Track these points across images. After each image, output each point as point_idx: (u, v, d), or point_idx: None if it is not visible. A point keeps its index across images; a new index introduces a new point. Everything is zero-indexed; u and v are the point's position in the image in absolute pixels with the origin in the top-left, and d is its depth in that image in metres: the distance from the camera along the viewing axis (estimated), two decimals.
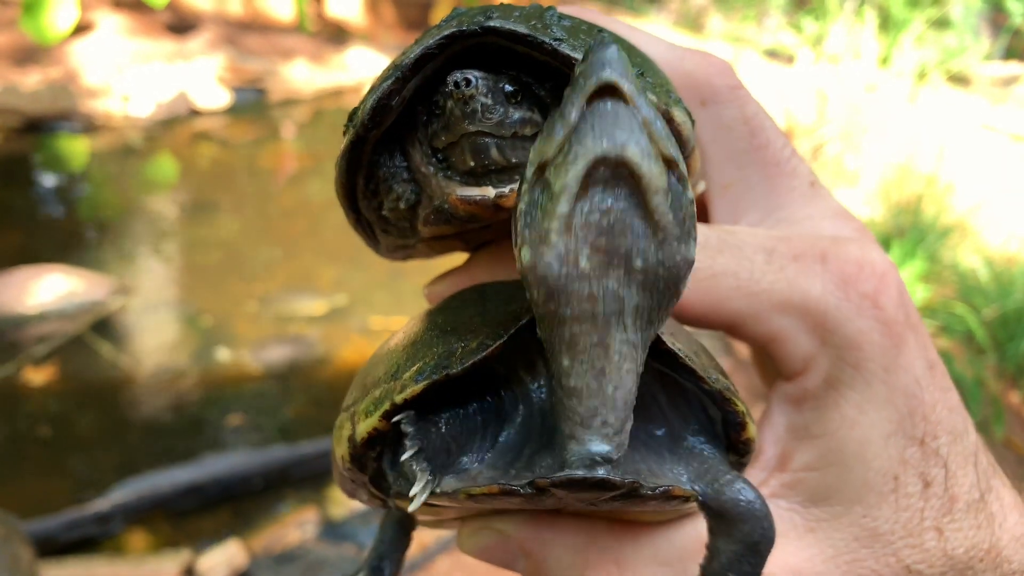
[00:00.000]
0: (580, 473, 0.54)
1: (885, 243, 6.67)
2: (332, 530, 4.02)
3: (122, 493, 4.05)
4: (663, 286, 0.50)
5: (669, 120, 0.62)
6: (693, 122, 0.68)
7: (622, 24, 0.77)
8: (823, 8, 10.54)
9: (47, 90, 8.96)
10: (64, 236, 6.94)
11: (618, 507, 0.61)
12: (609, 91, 0.46)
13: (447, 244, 0.74)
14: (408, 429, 0.56)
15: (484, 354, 0.57)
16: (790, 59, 10.29)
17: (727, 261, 0.68)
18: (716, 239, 0.70)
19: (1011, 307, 5.93)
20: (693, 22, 13.63)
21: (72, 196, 7.95)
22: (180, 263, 6.65)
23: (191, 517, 4.11)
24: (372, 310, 6.05)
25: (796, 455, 0.71)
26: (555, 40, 0.59)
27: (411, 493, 0.55)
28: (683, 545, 0.67)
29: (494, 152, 0.61)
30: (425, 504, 0.57)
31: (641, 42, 0.75)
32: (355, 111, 0.66)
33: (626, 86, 0.46)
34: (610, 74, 0.45)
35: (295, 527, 3.97)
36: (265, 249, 6.81)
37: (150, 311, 5.80)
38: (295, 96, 10.97)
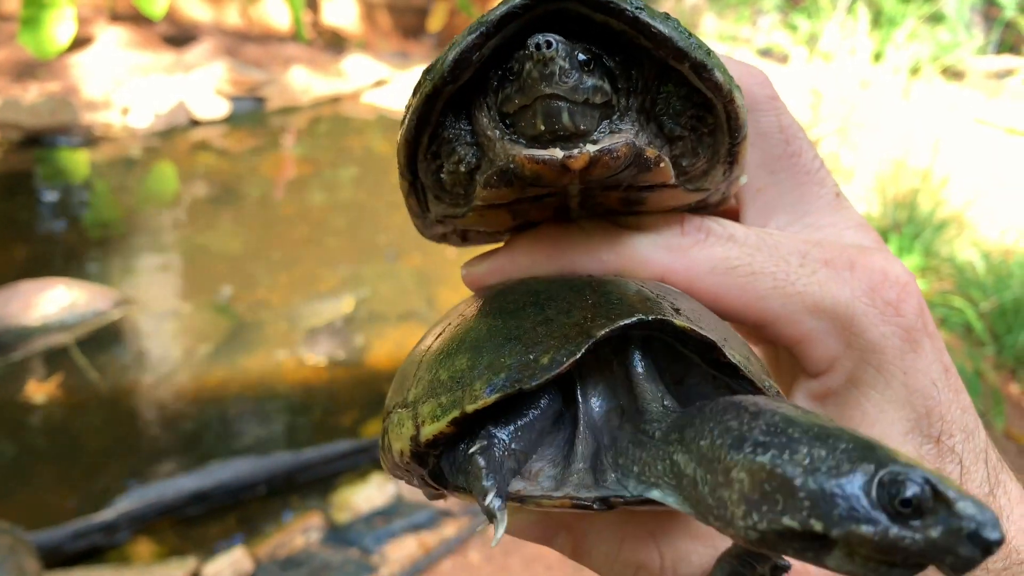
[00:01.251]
0: (656, 494, 0.56)
1: (883, 238, 6.69)
2: (337, 535, 4.02)
3: (127, 502, 4.08)
4: None
5: (731, 102, 0.65)
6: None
7: None
8: (816, 7, 10.56)
9: (47, 104, 9.00)
10: (66, 248, 6.97)
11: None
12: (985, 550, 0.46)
13: (497, 216, 0.73)
14: (481, 461, 0.58)
15: (558, 372, 0.59)
16: (784, 58, 10.31)
17: (765, 260, 0.72)
18: (755, 238, 0.73)
19: (1008, 299, 5.95)
20: (687, 22, 13.64)
21: (73, 208, 7.99)
22: (182, 273, 6.68)
23: (197, 524, 4.13)
24: (376, 317, 6.07)
25: None
26: (636, 8, 0.62)
27: (494, 540, 0.56)
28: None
29: (565, 116, 0.62)
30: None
31: None
32: (433, 65, 0.67)
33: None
34: (994, 535, 0.46)
35: (300, 533, 3.99)
36: (267, 256, 6.84)
37: (152, 321, 5.83)
38: (293, 104, 11.02)
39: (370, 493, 4.25)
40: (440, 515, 4.14)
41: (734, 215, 0.83)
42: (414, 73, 12.42)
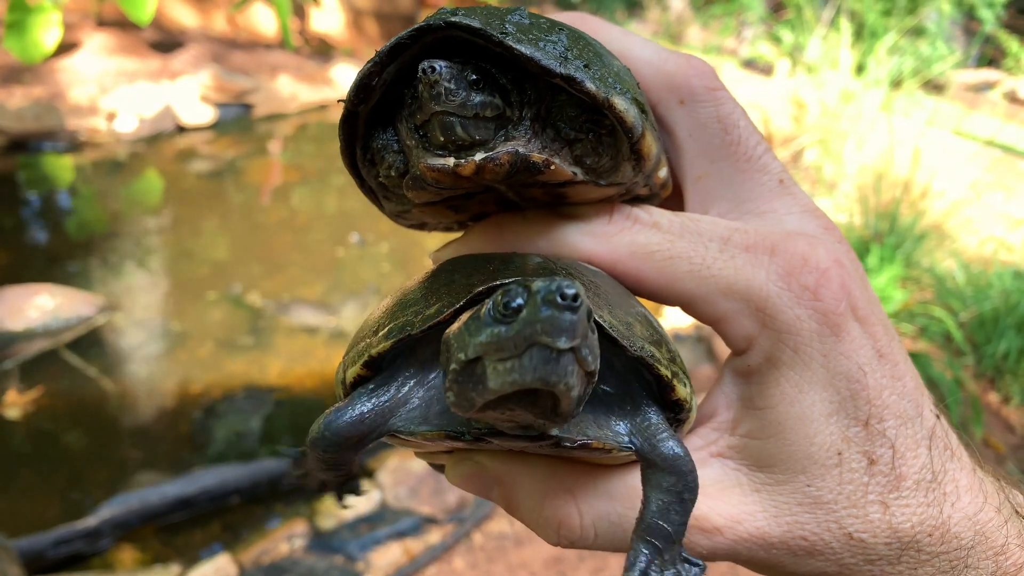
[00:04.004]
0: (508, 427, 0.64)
1: (864, 248, 6.75)
2: (321, 542, 4.02)
3: (110, 508, 4.06)
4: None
5: (611, 107, 0.71)
6: (646, 114, 0.76)
7: (617, 30, 0.84)
8: (800, 19, 10.66)
9: (32, 109, 8.96)
10: (50, 254, 6.94)
11: (561, 453, 0.71)
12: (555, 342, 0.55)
13: (438, 211, 0.83)
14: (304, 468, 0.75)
15: (438, 319, 0.68)
16: (768, 69, 10.41)
17: (684, 246, 0.77)
18: (679, 225, 0.78)
19: (987, 309, 6.01)
20: (672, 33, 13.74)
21: (58, 214, 7.96)
22: (166, 279, 6.66)
23: (180, 531, 4.12)
24: (358, 324, 6.07)
25: (743, 422, 0.78)
26: (502, 33, 0.69)
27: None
28: (633, 485, 0.74)
29: (459, 129, 0.70)
30: (402, 441, 0.72)
31: (632, 44, 0.83)
32: (349, 91, 0.76)
33: (581, 352, 0.56)
34: (557, 341, 0.54)
35: (284, 540, 3.98)
36: (252, 263, 6.83)
37: (136, 327, 5.82)
38: (280, 111, 11.01)
39: (355, 500, 4.24)
40: (425, 522, 4.15)
41: (677, 204, 0.87)
42: None
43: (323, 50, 13.73)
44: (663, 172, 0.82)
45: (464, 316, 0.62)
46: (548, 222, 0.80)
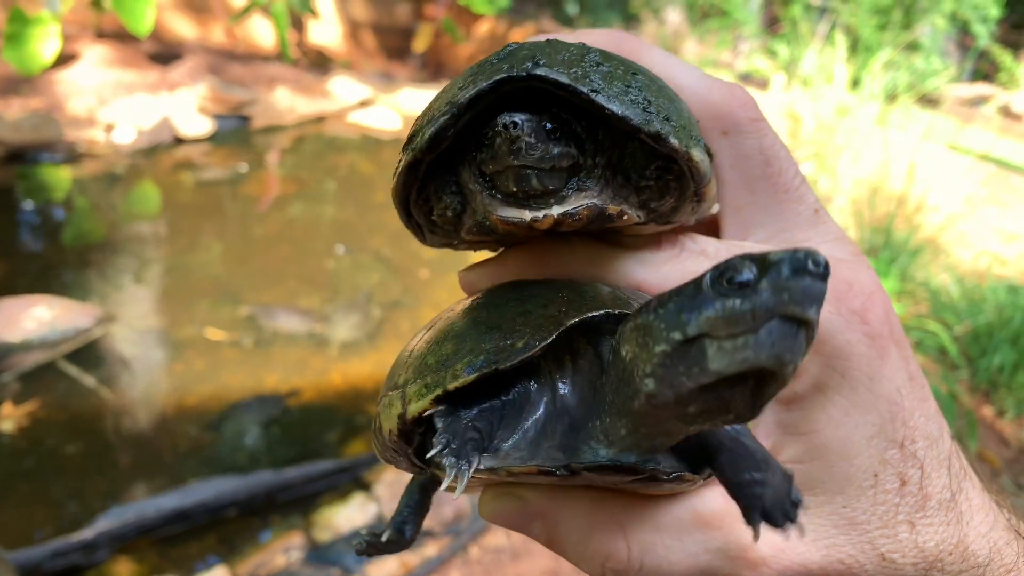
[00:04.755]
0: (621, 460, 0.62)
1: None
2: (318, 555, 4.02)
3: (107, 521, 4.05)
4: None
5: (689, 160, 0.71)
6: (711, 157, 0.76)
7: (658, 53, 0.84)
8: (795, 34, 10.72)
9: (29, 120, 8.97)
10: (47, 265, 6.94)
11: (637, 486, 0.69)
12: (799, 321, 0.52)
13: (487, 245, 0.83)
14: (439, 423, 0.65)
15: (529, 354, 0.66)
16: (764, 83, 10.44)
17: None
18: (726, 252, 0.78)
19: (982, 323, 6.03)
20: (669, 46, 13.81)
21: (55, 225, 7.95)
22: (164, 290, 6.66)
23: (177, 544, 4.10)
24: (357, 338, 6.08)
25: (785, 448, 0.77)
26: (592, 91, 0.68)
27: (442, 488, 0.63)
28: (679, 516, 0.74)
29: (534, 181, 0.69)
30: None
31: (675, 71, 0.82)
32: (413, 135, 0.74)
33: (814, 319, 0.52)
34: (807, 311, 0.51)
35: (281, 552, 3.97)
36: (249, 274, 6.84)
37: (134, 338, 5.81)
38: (278, 123, 11.03)
39: (351, 513, 4.25)
40: (422, 535, 4.15)
41: (714, 229, 0.87)
42: (399, 95, 12.49)
43: (321, 62, 13.78)
44: (715, 208, 0.83)
45: (662, 296, 0.58)
46: (595, 250, 0.80)
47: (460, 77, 0.74)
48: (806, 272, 0.50)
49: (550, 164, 0.69)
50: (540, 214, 0.70)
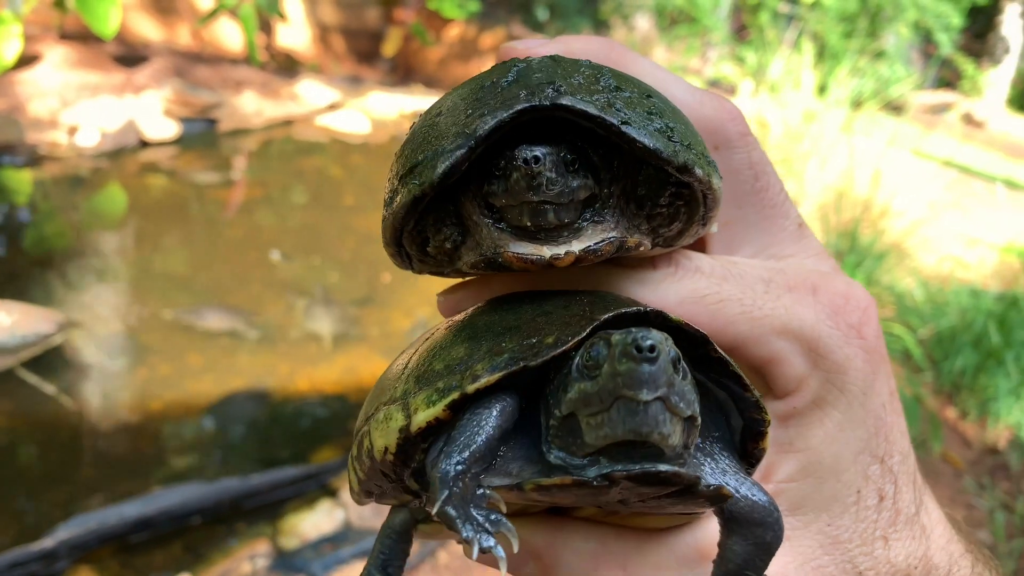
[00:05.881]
0: (662, 468, 0.57)
1: None
2: (284, 562, 3.98)
3: (68, 529, 3.96)
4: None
5: (709, 187, 0.68)
6: (720, 178, 0.73)
7: (648, 63, 0.82)
8: (763, 40, 10.84)
9: None
10: (7, 270, 6.80)
11: (649, 508, 0.65)
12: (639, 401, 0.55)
13: (479, 275, 0.78)
14: (453, 515, 0.59)
15: (561, 350, 0.61)
16: (732, 89, 10.54)
17: (732, 289, 0.75)
18: (721, 268, 0.76)
19: (945, 327, 6.13)
20: (638, 52, 13.88)
21: (16, 229, 7.81)
22: (127, 295, 6.56)
23: (140, 552, 4.04)
24: (322, 343, 6.04)
25: (780, 467, 0.76)
26: (623, 123, 0.64)
27: (473, 557, 0.58)
28: (680, 552, 0.72)
29: (551, 216, 0.65)
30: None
31: (666, 83, 0.79)
32: (416, 166, 0.68)
33: (670, 400, 0.55)
34: (639, 394, 0.55)
35: (246, 560, 3.93)
36: (214, 279, 6.76)
37: (96, 344, 5.72)
38: (245, 127, 10.93)
39: (318, 519, 4.21)
40: None
41: (701, 244, 0.86)
42: (368, 98, 12.44)
43: (289, 66, 13.69)
44: (714, 228, 0.81)
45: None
46: (590, 270, 0.76)
47: (460, 99, 0.69)
48: (632, 357, 0.54)
49: (569, 198, 0.65)
50: (561, 251, 0.66)
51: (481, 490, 0.60)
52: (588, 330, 0.61)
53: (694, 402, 0.58)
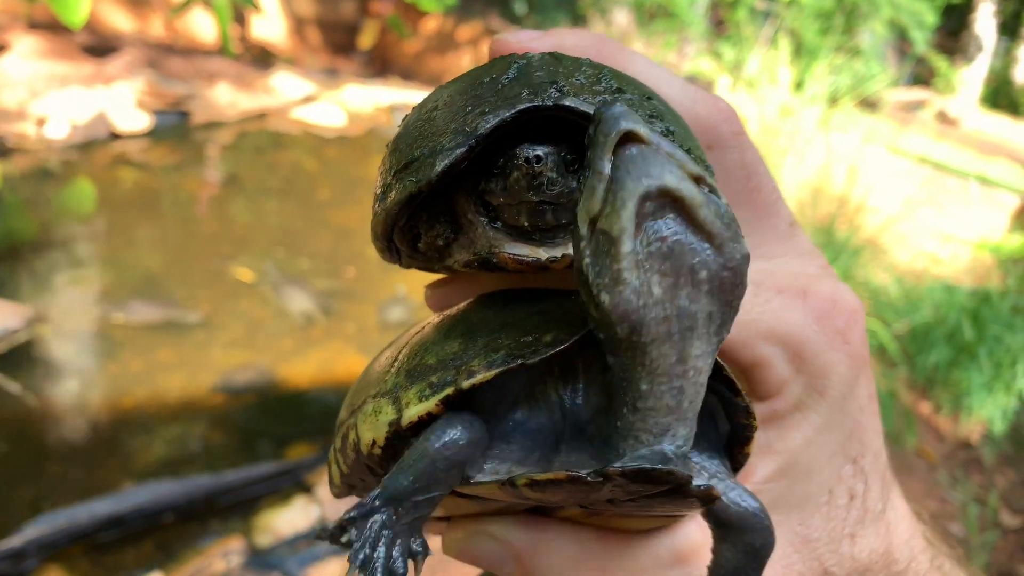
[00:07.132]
0: (660, 466, 0.55)
1: None
2: (258, 559, 3.95)
3: (37, 527, 3.90)
4: (729, 286, 0.53)
5: (712, 192, 0.66)
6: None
7: (641, 60, 0.81)
8: (740, 36, 10.90)
9: None
10: None
11: (636, 508, 0.63)
12: (630, 138, 0.51)
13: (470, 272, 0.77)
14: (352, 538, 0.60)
15: (560, 348, 0.60)
16: (709, 85, 10.58)
17: None
18: None
19: (920, 322, 6.19)
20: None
21: None
22: (97, 290, 6.47)
23: (111, 551, 3.99)
24: (298, 339, 6.00)
25: (758, 469, 0.76)
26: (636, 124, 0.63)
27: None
28: (658, 554, 0.71)
29: (549, 216, 0.64)
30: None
31: (661, 80, 0.79)
32: (413, 161, 0.67)
33: (642, 130, 0.51)
34: (626, 124, 0.50)
35: (220, 557, 3.90)
36: (186, 273, 6.69)
37: (65, 340, 5.64)
38: (219, 119, 10.82)
39: (293, 516, 4.18)
40: None
41: None
42: (344, 91, 12.36)
43: (263, 58, 13.57)
44: None
45: None
46: None
47: (457, 94, 0.68)
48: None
49: (568, 199, 0.64)
50: (557, 253, 0.65)
51: (414, 538, 0.59)
52: (586, 329, 0.60)
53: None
